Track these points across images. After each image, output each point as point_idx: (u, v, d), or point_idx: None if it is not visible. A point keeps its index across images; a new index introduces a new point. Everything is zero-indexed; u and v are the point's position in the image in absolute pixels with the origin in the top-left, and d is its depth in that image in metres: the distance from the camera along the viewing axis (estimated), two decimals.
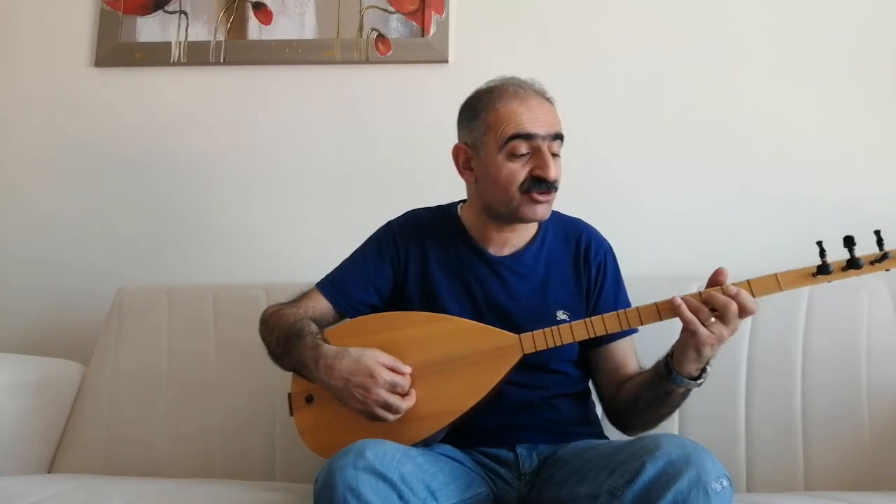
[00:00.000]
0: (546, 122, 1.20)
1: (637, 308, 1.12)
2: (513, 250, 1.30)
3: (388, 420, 1.11)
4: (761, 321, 1.47)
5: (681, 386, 1.10)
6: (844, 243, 1.04)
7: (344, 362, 1.12)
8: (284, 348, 1.22)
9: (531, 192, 1.19)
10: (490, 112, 1.22)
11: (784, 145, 1.79)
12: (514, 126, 1.19)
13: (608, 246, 1.36)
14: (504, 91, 1.23)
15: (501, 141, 1.19)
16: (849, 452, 1.39)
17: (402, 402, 1.10)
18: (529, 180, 1.19)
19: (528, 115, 1.19)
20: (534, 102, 1.21)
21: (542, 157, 1.19)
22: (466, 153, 1.27)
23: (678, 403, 1.16)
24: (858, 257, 1.04)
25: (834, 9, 1.81)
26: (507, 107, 1.20)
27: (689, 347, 1.06)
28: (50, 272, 1.96)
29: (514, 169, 1.20)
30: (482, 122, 1.23)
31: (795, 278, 1.07)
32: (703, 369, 1.10)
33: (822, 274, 1.06)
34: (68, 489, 1.24)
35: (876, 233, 1.03)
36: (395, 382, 1.11)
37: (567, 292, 1.29)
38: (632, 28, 1.87)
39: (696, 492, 0.89)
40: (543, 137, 1.19)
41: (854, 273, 1.05)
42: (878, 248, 1.04)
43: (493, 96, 1.23)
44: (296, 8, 1.96)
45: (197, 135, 1.97)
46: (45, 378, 1.60)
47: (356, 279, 1.31)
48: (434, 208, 1.39)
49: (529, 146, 1.19)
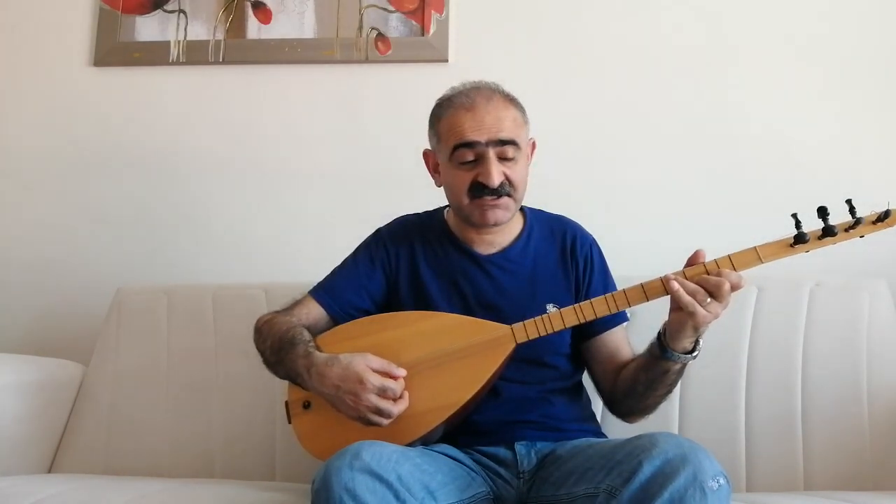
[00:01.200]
0: (491, 129, 1.20)
1: (624, 290, 1.14)
2: (499, 248, 1.32)
3: (382, 425, 1.11)
4: (761, 321, 1.48)
5: (677, 362, 1.12)
6: (818, 213, 1.07)
7: (334, 369, 1.12)
8: (278, 357, 1.22)
9: (478, 198, 1.22)
10: (442, 121, 1.26)
11: (784, 145, 1.78)
12: (456, 136, 1.22)
13: (593, 239, 1.38)
14: (452, 101, 1.25)
15: (449, 150, 1.23)
16: (849, 452, 1.38)
17: (393, 407, 1.10)
18: (474, 186, 1.22)
19: (471, 123, 1.21)
20: (481, 110, 1.21)
21: (484, 164, 1.21)
22: (434, 158, 1.32)
23: (675, 381, 1.18)
24: (833, 225, 1.07)
25: (834, 9, 1.81)
26: (453, 117, 1.23)
27: (687, 326, 1.08)
28: (50, 272, 1.96)
29: (460, 175, 1.24)
30: (436, 132, 1.28)
31: (774, 250, 1.10)
32: (696, 341, 1.12)
33: (800, 243, 1.08)
34: (68, 489, 1.24)
35: (847, 202, 1.06)
36: (385, 387, 1.11)
37: (555, 286, 1.30)
38: (632, 28, 1.87)
39: (692, 490, 0.89)
40: (486, 143, 1.21)
41: (830, 241, 1.08)
42: (851, 216, 1.06)
43: (444, 107, 1.27)
44: (295, 7, 1.96)
45: (196, 134, 1.97)
46: (45, 378, 1.60)
47: (349, 285, 1.32)
48: (422, 213, 1.42)
49: (474, 153, 1.22)
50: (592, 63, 1.87)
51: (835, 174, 1.74)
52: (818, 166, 1.76)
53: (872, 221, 1.07)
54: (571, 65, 1.87)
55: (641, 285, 1.12)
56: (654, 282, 1.11)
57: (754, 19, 1.83)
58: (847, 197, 1.06)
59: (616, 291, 1.14)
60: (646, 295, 1.11)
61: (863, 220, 1.06)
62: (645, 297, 1.12)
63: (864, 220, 1.06)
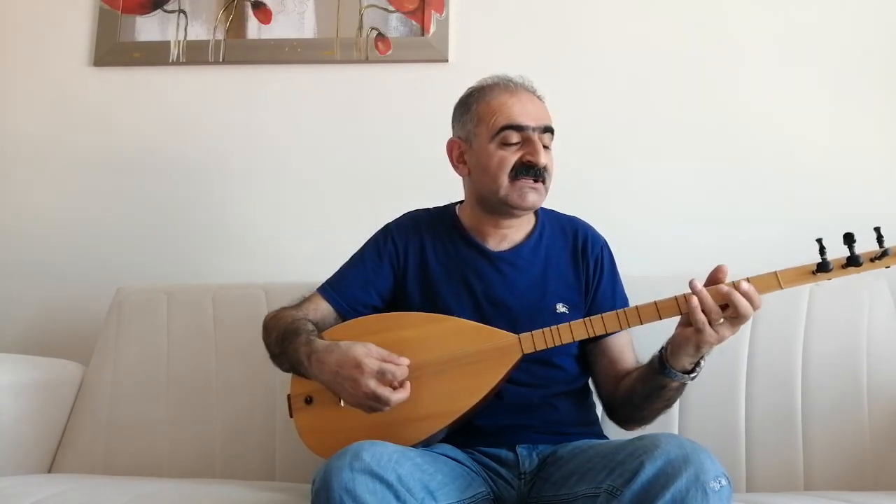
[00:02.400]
0: (536, 116, 1.25)
1: (636, 307, 1.12)
2: (511, 245, 1.31)
3: (383, 411, 1.10)
4: (761, 321, 1.47)
5: (674, 380, 1.11)
6: (844, 240, 1.03)
7: (333, 355, 1.12)
8: (281, 347, 1.22)
9: (520, 179, 1.23)
10: (482, 104, 1.27)
11: (785, 145, 1.78)
12: (505, 117, 1.24)
13: (604, 241, 1.37)
14: (495, 86, 1.29)
15: (493, 131, 1.24)
16: (849, 452, 1.38)
17: (392, 394, 1.08)
18: (519, 166, 1.23)
19: (518, 107, 1.24)
20: (524, 97, 1.27)
21: (532, 145, 1.23)
22: (460, 147, 1.31)
23: (674, 397, 1.17)
24: (858, 254, 1.04)
25: (834, 9, 1.81)
26: (497, 99, 1.26)
27: (690, 343, 1.07)
28: (50, 272, 1.96)
29: (504, 156, 1.23)
30: (474, 115, 1.27)
31: (795, 276, 1.07)
32: (696, 363, 1.11)
33: (822, 272, 1.05)
34: (68, 489, 1.23)
35: (876, 230, 1.02)
36: (383, 370, 1.08)
37: (566, 285, 1.30)
38: (632, 27, 1.87)
39: (694, 491, 0.89)
40: (534, 129, 1.23)
41: (854, 270, 1.04)
42: (878, 245, 1.03)
43: (485, 91, 1.29)
44: (295, 7, 1.96)
45: (196, 134, 1.97)
46: (45, 378, 1.60)
47: (356, 281, 1.32)
48: (432, 209, 1.41)
49: (520, 136, 1.24)
50: (593, 62, 1.87)
51: (846, 179, 1.74)
52: (819, 166, 1.76)
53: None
54: (572, 64, 1.87)
55: (655, 303, 1.10)
56: (669, 301, 1.09)
57: (758, 22, 1.83)
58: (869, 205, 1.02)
59: (628, 308, 1.13)
60: (658, 314, 1.10)
61: (890, 251, 1.03)
62: (658, 316, 1.10)
63: (892, 252, 1.03)
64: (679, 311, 1.09)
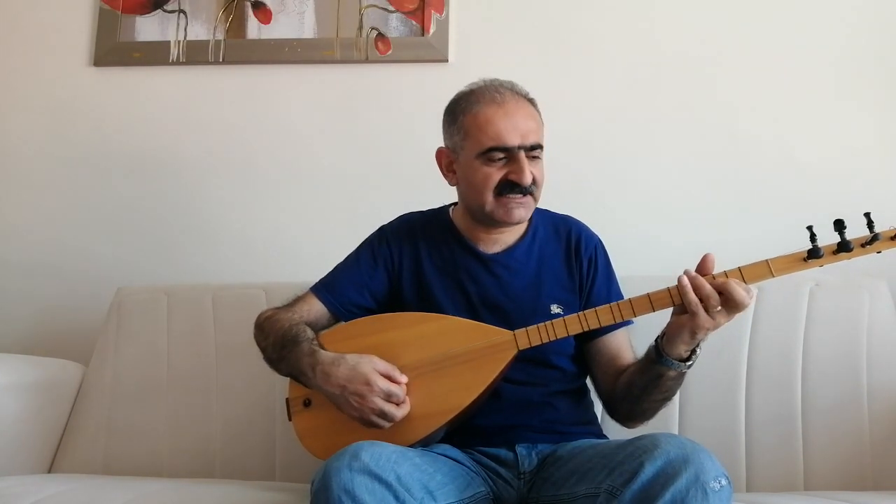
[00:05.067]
0: (523, 131, 1.21)
1: (630, 300, 1.13)
2: (504, 247, 1.32)
3: (383, 427, 1.12)
4: (761, 321, 1.47)
5: (670, 368, 1.11)
6: (835, 227, 1.04)
7: (341, 369, 1.13)
8: (280, 354, 1.22)
9: (505, 195, 1.22)
10: (468, 116, 1.24)
11: (785, 145, 1.78)
12: (490, 138, 1.21)
13: (598, 240, 1.37)
14: (481, 95, 1.25)
15: (479, 149, 1.22)
16: (849, 452, 1.38)
17: (396, 411, 1.11)
18: (503, 183, 1.21)
19: (504, 122, 1.21)
20: (511, 107, 1.22)
21: (517, 163, 1.21)
22: (449, 156, 1.30)
23: (672, 388, 1.17)
24: (849, 240, 1.04)
25: (835, 9, 1.81)
26: (484, 112, 1.22)
27: (685, 330, 1.07)
28: (50, 272, 1.96)
29: (489, 172, 1.22)
30: (461, 127, 1.25)
31: (786, 263, 1.07)
32: (692, 351, 1.11)
33: (813, 258, 1.05)
34: (68, 489, 1.24)
35: (866, 215, 1.03)
36: (390, 392, 1.12)
37: (560, 286, 1.30)
38: (632, 27, 1.87)
39: (694, 491, 0.89)
40: (520, 147, 1.21)
41: (845, 256, 1.05)
42: (868, 230, 1.03)
43: (471, 101, 1.25)
44: (295, 7, 1.96)
45: (196, 134, 1.97)
46: (45, 378, 1.60)
47: (350, 283, 1.32)
48: (426, 211, 1.41)
49: (506, 154, 1.22)
50: (593, 62, 1.87)
51: (846, 179, 1.74)
52: (819, 166, 1.76)
53: (891, 237, 1.04)
54: (571, 64, 1.87)
55: (648, 295, 1.11)
56: (661, 292, 1.09)
57: (758, 21, 1.82)
58: (866, 204, 1.03)
59: (622, 301, 1.13)
60: (652, 306, 1.10)
61: (880, 235, 1.03)
62: (651, 308, 1.10)
63: (882, 236, 1.03)
64: (672, 302, 1.09)
